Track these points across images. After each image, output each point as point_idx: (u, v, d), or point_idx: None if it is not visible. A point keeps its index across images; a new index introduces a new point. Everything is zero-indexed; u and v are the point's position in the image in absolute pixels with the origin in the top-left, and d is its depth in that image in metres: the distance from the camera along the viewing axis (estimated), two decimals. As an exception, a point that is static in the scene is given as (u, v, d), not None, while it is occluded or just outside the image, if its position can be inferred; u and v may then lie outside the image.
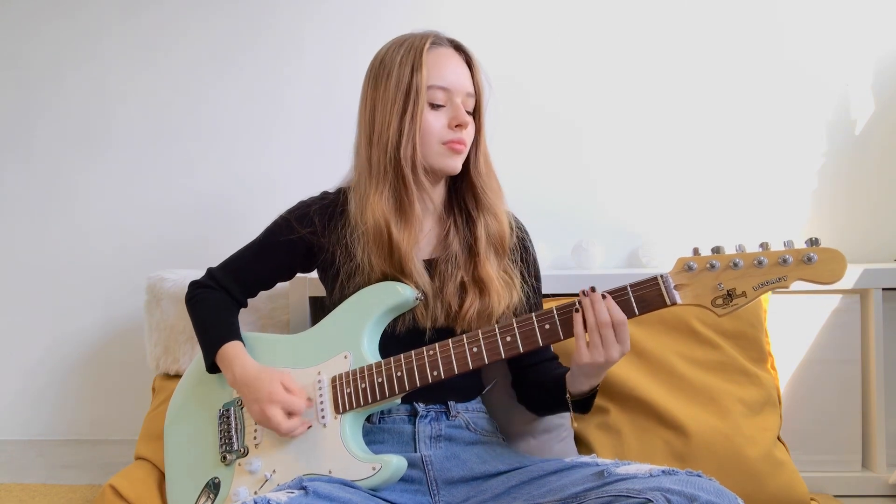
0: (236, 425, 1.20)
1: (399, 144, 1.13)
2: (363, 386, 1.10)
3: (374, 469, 1.05)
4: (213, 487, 1.18)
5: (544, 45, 1.99)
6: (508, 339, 1.05)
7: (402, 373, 1.08)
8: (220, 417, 1.22)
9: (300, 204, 1.27)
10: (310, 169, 2.03)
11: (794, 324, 1.63)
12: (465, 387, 1.22)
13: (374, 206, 1.14)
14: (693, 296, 0.99)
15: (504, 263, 1.21)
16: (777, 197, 1.93)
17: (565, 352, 1.20)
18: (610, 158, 1.98)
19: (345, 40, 2.03)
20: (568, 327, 1.03)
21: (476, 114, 1.20)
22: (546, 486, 1.01)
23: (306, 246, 1.24)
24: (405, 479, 1.09)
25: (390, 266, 1.14)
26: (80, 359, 2.12)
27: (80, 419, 2.12)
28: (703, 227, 1.95)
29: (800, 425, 1.62)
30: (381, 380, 1.09)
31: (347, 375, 1.12)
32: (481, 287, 1.16)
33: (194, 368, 1.31)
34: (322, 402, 1.12)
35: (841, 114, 1.91)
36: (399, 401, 1.11)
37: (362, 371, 1.11)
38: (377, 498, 1.05)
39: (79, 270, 2.11)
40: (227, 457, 1.18)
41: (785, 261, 0.94)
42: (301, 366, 1.17)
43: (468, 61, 1.19)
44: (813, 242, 0.93)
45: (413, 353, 1.09)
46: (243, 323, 1.29)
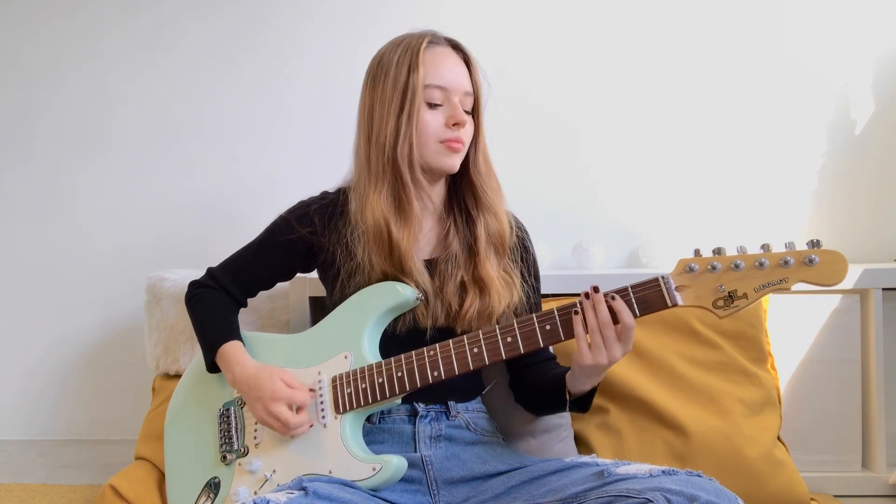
0: (236, 425, 1.20)
1: (396, 144, 1.13)
2: (363, 386, 1.10)
3: (374, 469, 1.05)
4: (213, 487, 1.18)
5: (544, 45, 1.99)
6: (509, 339, 1.05)
7: (403, 373, 1.08)
8: (221, 417, 1.22)
9: (300, 204, 1.27)
10: (310, 169, 2.03)
11: (794, 324, 1.63)
12: (466, 387, 1.22)
13: (374, 206, 1.14)
14: (694, 297, 0.98)
15: (504, 263, 1.21)
16: (777, 197, 1.93)
17: (566, 352, 1.20)
18: (610, 158, 1.98)
19: (345, 40, 2.03)
20: (569, 328, 1.03)
21: (475, 113, 1.19)
22: (546, 486, 1.01)
23: (306, 245, 1.24)
24: (405, 480, 1.09)
25: (390, 265, 1.14)
26: (80, 359, 2.12)
27: (80, 419, 2.12)
28: (704, 227, 1.95)
29: (800, 425, 1.62)
30: (381, 380, 1.09)
31: (348, 375, 1.12)
32: (481, 287, 1.16)
33: (194, 368, 1.31)
34: (322, 403, 1.12)
35: (841, 114, 1.91)
36: (399, 401, 1.11)
37: (363, 371, 1.11)
38: (377, 498, 1.05)
39: (79, 270, 2.11)
40: (228, 456, 1.18)
41: (786, 262, 0.93)
42: (301, 366, 1.17)
43: (466, 60, 1.19)
44: (814, 244, 0.93)
45: (413, 353, 1.09)
46: (243, 323, 1.29)
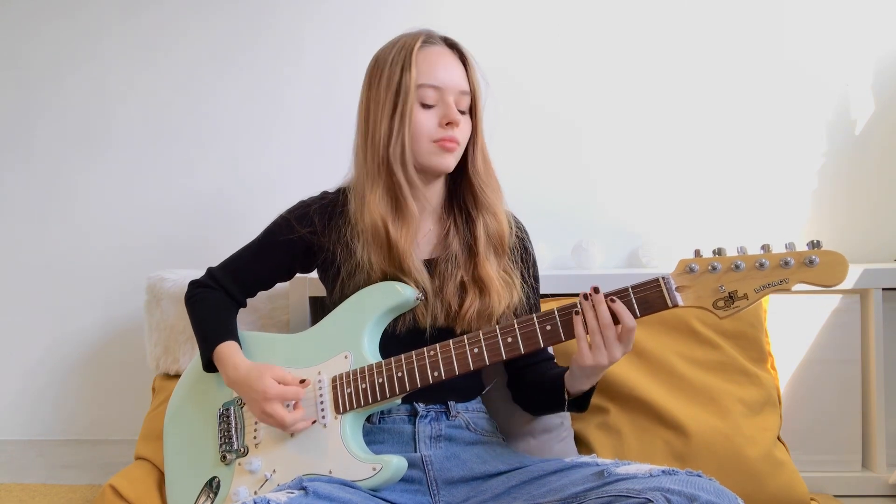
0: (236, 424, 1.20)
1: (389, 144, 1.13)
2: (363, 386, 1.10)
3: (374, 469, 1.05)
4: (212, 487, 1.18)
5: (544, 46, 1.99)
6: (509, 339, 1.05)
7: (403, 373, 1.08)
8: (220, 417, 1.22)
9: (300, 204, 1.27)
10: (310, 169, 2.02)
11: (794, 324, 1.63)
12: (466, 387, 1.22)
13: (371, 206, 1.14)
14: (694, 297, 0.98)
15: (504, 263, 1.21)
16: (777, 197, 1.93)
17: (565, 352, 1.20)
18: (610, 158, 1.98)
19: (345, 40, 2.03)
20: (569, 328, 1.03)
21: (472, 112, 1.19)
22: (546, 486, 1.01)
23: (306, 245, 1.24)
24: (405, 480, 1.09)
25: (389, 265, 1.15)
26: (80, 359, 2.12)
27: (80, 419, 2.12)
28: (704, 228, 1.95)
29: (800, 425, 1.62)
30: (381, 380, 1.09)
31: (348, 375, 1.12)
32: (481, 287, 1.16)
33: (194, 368, 1.31)
34: (322, 403, 1.12)
35: (841, 114, 1.91)
36: (399, 401, 1.11)
37: (363, 371, 1.11)
38: (377, 498, 1.05)
39: (79, 270, 2.11)
40: (227, 456, 1.18)
41: (786, 263, 0.93)
42: (301, 365, 1.17)
43: (463, 59, 1.18)
44: (814, 245, 0.93)
45: (413, 353, 1.09)
46: (243, 323, 1.29)
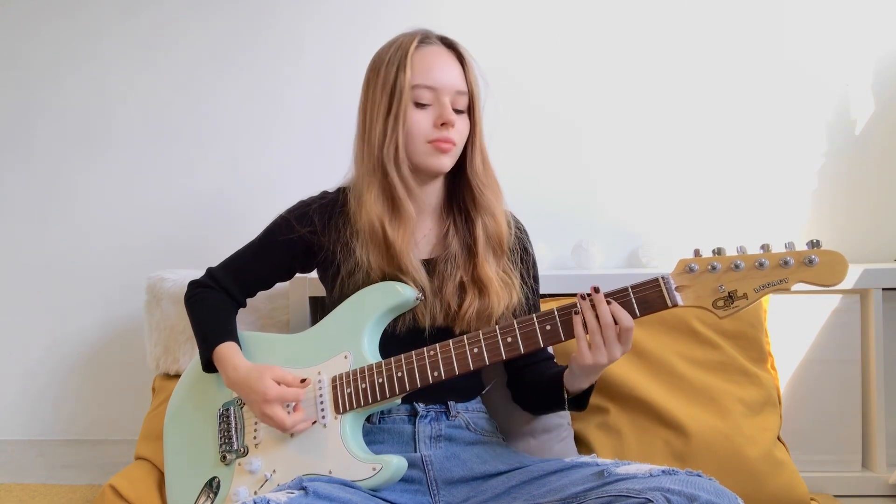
0: (236, 425, 1.20)
1: (383, 144, 1.13)
2: (363, 386, 1.10)
3: (374, 469, 1.05)
4: (212, 487, 1.18)
5: (544, 46, 1.99)
6: (509, 339, 1.05)
7: (403, 373, 1.08)
8: (220, 417, 1.22)
9: (300, 203, 1.27)
10: (310, 169, 2.02)
11: (794, 324, 1.63)
12: (465, 387, 1.22)
13: (368, 206, 1.15)
14: (694, 297, 0.98)
15: (503, 264, 1.21)
16: (777, 197, 1.93)
17: (565, 352, 1.20)
18: (610, 158, 1.98)
19: (345, 40, 2.03)
20: (569, 328, 1.03)
21: (470, 112, 1.18)
22: (546, 486, 1.01)
23: (306, 245, 1.24)
24: (405, 479, 1.09)
25: (388, 264, 1.15)
26: (80, 359, 2.12)
27: (80, 419, 2.12)
28: (703, 228, 1.95)
29: (800, 425, 1.62)
30: (381, 380, 1.09)
31: (347, 375, 1.12)
32: (480, 287, 1.16)
33: (193, 368, 1.30)
34: (322, 403, 1.12)
35: (841, 114, 1.91)
36: (399, 401, 1.11)
37: (362, 371, 1.11)
38: (377, 498, 1.05)
39: (79, 270, 2.11)
40: (227, 456, 1.18)
41: (786, 263, 0.93)
42: (301, 366, 1.17)
43: (460, 59, 1.17)
44: (814, 244, 0.93)
45: (413, 353, 1.09)
46: (243, 323, 1.29)
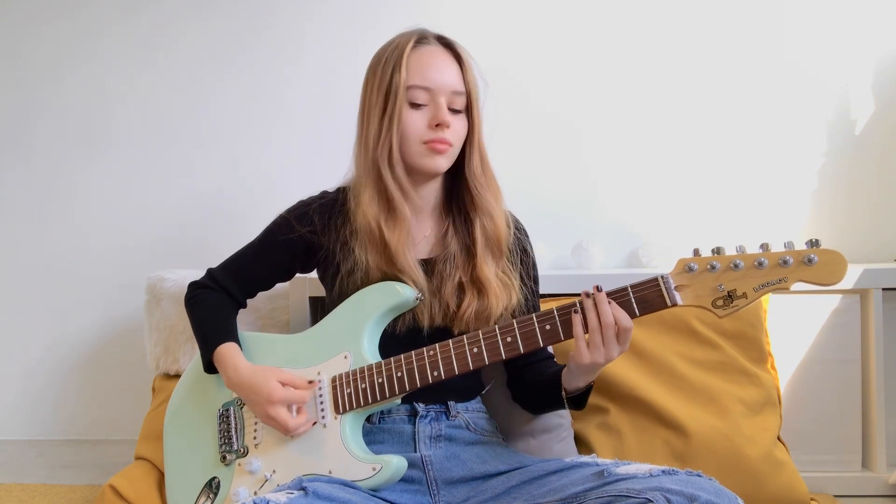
0: (236, 425, 1.20)
1: (377, 145, 1.13)
2: (363, 386, 1.10)
3: (374, 469, 1.05)
4: (212, 487, 1.18)
5: (544, 46, 1.99)
6: (509, 339, 1.05)
7: (403, 373, 1.08)
8: (220, 417, 1.22)
9: (300, 203, 1.27)
10: (310, 169, 2.02)
11: (794, 324, 1.63)
12: (465, 387, 1.22)
13: (366, 206, 1.15)
14: (693, 297, 0.99)
15: (502, 265, 1.21)
16: (777, 197, 1.93)
17: (565, 351, 1.20)
18: (610, 158, 1.98)
19: (345, 40, 2.03)
20: (568, 328, 1.03)
21: (468, 112, 1.17)
22: (546, 486, 1.01)
23: (306, 245, 1.23)
24: (405, 479, 1.09)
25: (386, 264, 1.15)
26: (80, 359, 2.12)
27: (80, 419, 2.12)
28: (703, 227, 1.95)
29: (800, 425, 1.62)
30: (381, 380, 1.09)
31: (347, 376, 1.12)
32: (479, 288, 1.16)
33: (193, 368, 1.31)
34: (322, 403, 1.12)
35: (841, 114, 1.91)
36: (399, 401, 1.11)
37: (362, 371, 1.11)
38: (377, 498, 1.05)
39: (79, 270, 2.11)
40: (227, 457, 1.18)
41: (785, 262, 0.93)
42: (301, 366, 1.17)
43: (458, 58, 1.17)
44: (813, 244, 0.93)
45: (413, 353, 1.09)
46: (243, 323, 1.29)
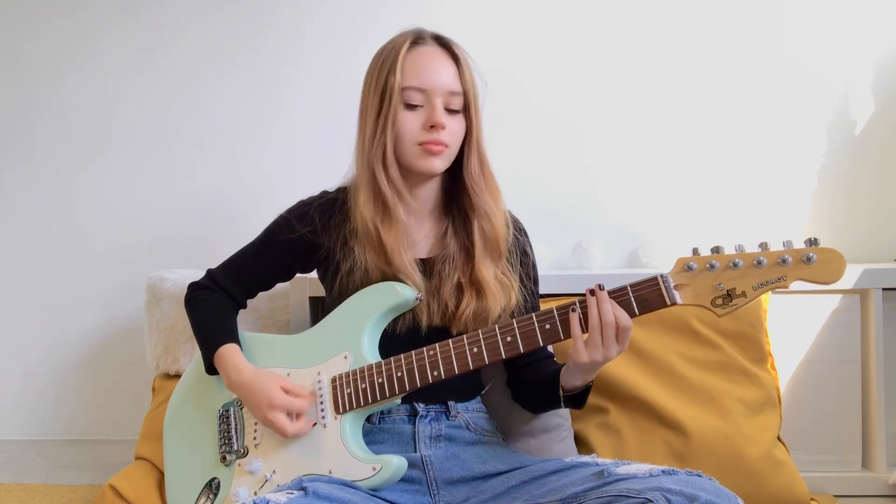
0: (236, 425, 1.20)
1: (372, 146, 1.13)
2: (363, 386, 1.10)
3: (374, 469, 1.05)
4: (212, 488, 1.18)
5: (544, 46, 1.99)
6: (509, 339, 1.05)
7: (403, 373, 1.08)
8: (220, 417, 1.22)
9: (300, 203, 1.27)
10: (310, 169, 2.02)
11: (794, 324, 1.63)
12: (465, 387, 1.22)
13: (362, 207, 1.15)
14: (693, 296, 0.99)
15: (501, 266, 1.20)
16: (777, 197, 1.93)
17: (565, 350, 1.20)
18: (610, 158, 1.98)
19: (345, 40, 2.03)
20: (568, 327, 1.03)
21: (466, 112, 1.17)
22: (546, 486, 1.01)
23: (306, 244, 1.23)
24: (405, 479, 1.09)
25: (385, 264, 1.15)
26: (80, 359, 2.12)
27: (80, 419, 2.12)
28: (703, 227, 1.95)
29: (800, 425, 1.62)
30: (381, 380, 1.09)
31: (347, 376, 1.12)
32: (478, 289, 1.16)
33: (193, 368, 1.31)
34: (322, 403, 1.12)
35: (841, 114, 1.91)
36: (399, 401, 1.11)
37: (362, 371, 1.11)
38: (377, 498, 1.05)
39: (79, 270, 2.11)
40: (227, 457, 1.18)
41: (784, 261, 0.94)
42: (301, 366, 1.17)
43: (455, 58, 1.16)
44: (812, 242, 0.93)
45: (413, 353, 1.09)
46: (243, 323, 1.29)
